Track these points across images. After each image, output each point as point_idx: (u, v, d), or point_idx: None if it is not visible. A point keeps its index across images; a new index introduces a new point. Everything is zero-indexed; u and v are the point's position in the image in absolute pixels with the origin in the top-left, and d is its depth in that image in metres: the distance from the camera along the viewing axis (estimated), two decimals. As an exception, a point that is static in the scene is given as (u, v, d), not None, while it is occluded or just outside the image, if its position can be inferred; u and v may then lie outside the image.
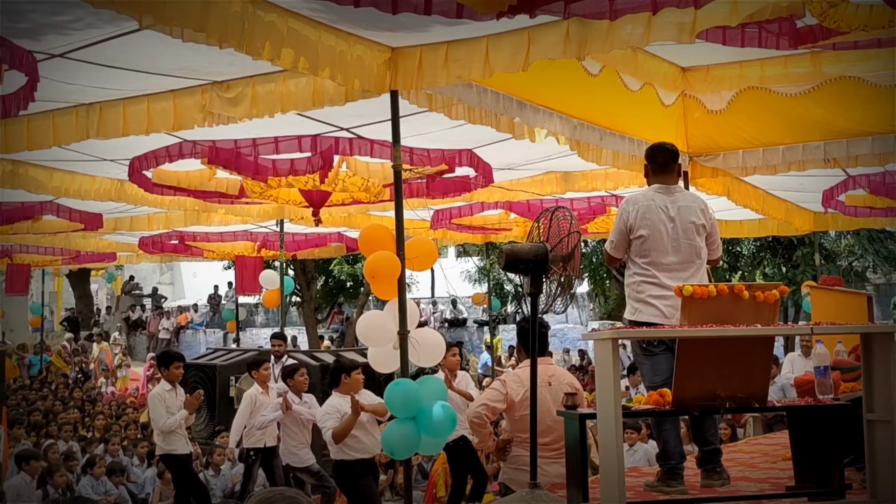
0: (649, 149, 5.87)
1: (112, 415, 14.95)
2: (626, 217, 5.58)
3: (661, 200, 5.58)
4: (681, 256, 5.52)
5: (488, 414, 6.16)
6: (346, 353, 14.32)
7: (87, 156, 9.11)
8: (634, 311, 5.57)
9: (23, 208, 11.60)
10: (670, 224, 5.53)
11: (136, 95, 7.08)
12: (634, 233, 5.55)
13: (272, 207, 12.32)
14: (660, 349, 5.54)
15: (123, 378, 23.02)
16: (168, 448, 9.11)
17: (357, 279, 27.76)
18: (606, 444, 4.55)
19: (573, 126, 7.67)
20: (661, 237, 5.51)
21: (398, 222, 6.39)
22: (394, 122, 6.28)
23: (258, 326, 30.91)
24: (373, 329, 6.69)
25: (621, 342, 6.23)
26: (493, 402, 6.17)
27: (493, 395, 6.23)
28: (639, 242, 5.55)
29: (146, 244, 15.94)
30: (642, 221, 5.53)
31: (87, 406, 17.05)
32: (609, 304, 27.66)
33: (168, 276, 39.06)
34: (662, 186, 5.67)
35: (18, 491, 9.23)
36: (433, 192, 10.08)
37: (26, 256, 17.55)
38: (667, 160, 5.75)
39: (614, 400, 4.47)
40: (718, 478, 5.51)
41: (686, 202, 5.67)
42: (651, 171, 5.78)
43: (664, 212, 5.54)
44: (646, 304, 5.50)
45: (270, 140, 8.24)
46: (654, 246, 5.51)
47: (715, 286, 4.85)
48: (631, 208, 5.59)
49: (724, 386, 4.80)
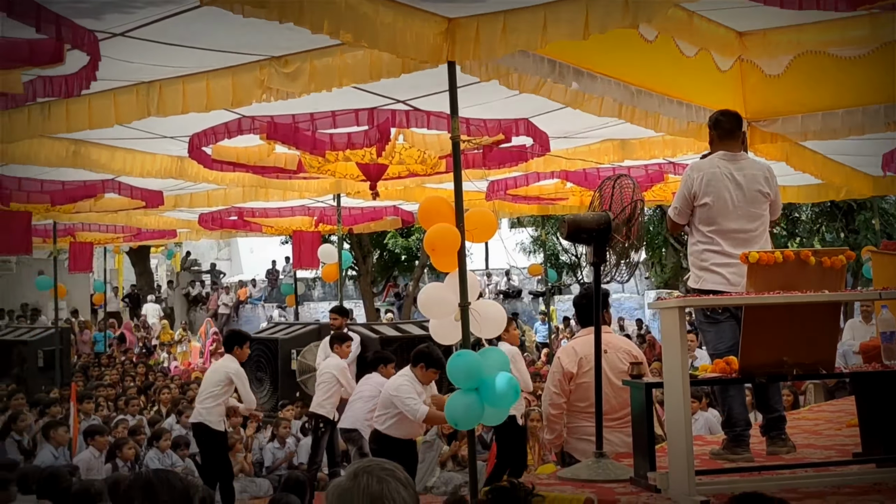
0: (713, 116, 5.82)
1: (178, 389, 15.19)
2: (691, 184, 5.54)
3: (726, 168, 5.53)
4: (745, 224, 5.47)
5: (561, 398, 6.15)
6: (405, 326, 14.45)
7: (148, 134, 9.23)
8: (698, 279, 5.53)
9: (85, 187, 11.79)
10: (735, 191, 5.48)
11: (195, 73, 7.14)
12: (698, 200, 5.51)
13: (329, 182, 12.37)
14: (724, 317, 5.51)
15: (184, 353, 23.39)
16: (211, 419, 9.26)
17: (411, 252, 27.85)
18: (674, 413, 4.54)
19: (630, 93, 7.60)
20: (725, 205, 5.46)
21: (457, 194, 6.37)
22: (451, 94, 6.25)
23: (316, 300, 31.16)
24: (434, 301, 6.70)
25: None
26: (558, 387, 6.18)
27: (554, 379, 6.24)
28: (703, 210, 5.51)
29: (206, 220, 16.14)
30: (707, 189, 5.48)
31: (154, 378, 17.36)
32: (666, 273, 27.46)
33: (226, 252, 39.50)
34: (727, 153, 5.62)
35: (88, 465, 9.43)
36: (489, 162, 10.05)
37: (88, 234, 17.86)
38: (732, 127, 5.70)
39: (682, 368, 4.45)
40: (784, 445, 5.48)
41: (751, 169, 5.61)
42: (716, 137, 5.73)
43: (729, 179, 5.49)
44: (710, 272, 5.46)
45: (328, 114, 8.27)
46: (718, 213, 5.47)
47: (781, 252, 4.80)
48: (695, 175, 5.55)
49: (791, 353, 4.76)
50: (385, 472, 2.45)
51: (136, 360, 21.67)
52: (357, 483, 2.43)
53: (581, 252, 26.40)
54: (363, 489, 2.41)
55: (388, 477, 2.44)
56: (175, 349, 23.82)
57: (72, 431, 10.16)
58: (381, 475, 2.44)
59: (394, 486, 2.43)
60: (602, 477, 5.14)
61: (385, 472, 2.45)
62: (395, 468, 2.50)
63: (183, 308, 31.66)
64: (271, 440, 11.70)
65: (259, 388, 13.53)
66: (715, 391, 5.89)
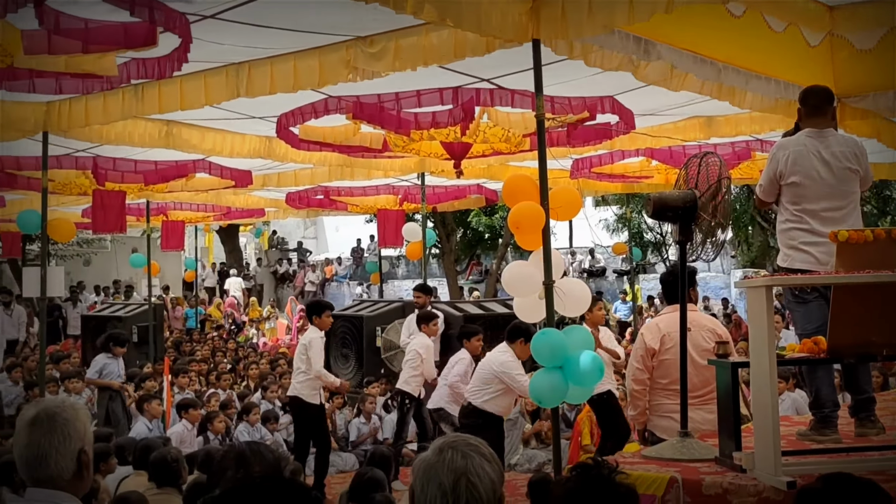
0: (802, 92, 5.71)
1: (266, 364, 15.50)
2: (777, 163, 5.45)
3: (814, 145, 5.42)
4: (834, 202, 5.36)
5: (644, 374, 6.16)
6: (489, 304, 14.49)
7: (237, 114, 9.41)
8: (787, 258, 5.45)
9: (177, 167, 12.07)
10: (823, 169, 5.36)
11: (282, 53, 7.26)
12: (785, 179, 5.41)
13: (413, 161, 12.46)
14: (813, 296, 5.42)
15: (272, 329, 23.81)
16: (304, 393, 9.51)
17: (495, 230, 27.84)
18: (760, 393, 4.50)
19: (717, 70, 7.49)
20: (813, 183, 5.36)
21: (541, 172, 6.37)
22: (536, 72, 6.25)
23: (400, 278, 31.39)
24: (518, 279, 6.73)
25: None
26: (641, 363, 6.18)
27: (637, 355, 6.26)
28: (790, 189, 5.41)
29: (293, 199, 16.41)
30: (793, 167, 5.38)
31: (243, 354, 17.74)
32: (752, 252, 27.01)
33: (312, 231, 40.00)
34: (814, 130, 5.50)
35: (181, 437, 9.71)
36: (574, 140, 10.00)
37: (180, 213, 18.28)
38: (819, 103, 5.57)
39: (769, 348, 4.40)
40: (873, 426, 5.38)
41: (840, 146, 5.47)
42: (804, 114, 5.61)
43: (816, 157, 5.38)
44: (798, 250, 5.38)
45: (413, 93, 8.32)
46: (806, 192, 5.37)
47: (871, 231, 4.70)
48: (781, 154, 5.45)
49: (881, 333, 4.66)
50: (470, 447, 2.49)
51: (225, 336, 22.13)
52: (442, 458, 2.47)
53: (666, 230, 26.09)
54: (447, 464, 2.46)
55: (472, 452, 2.48)
56: (263, 326, 24.27)
57: (165, 405, 10.46)
58: (466, 451, 2.48)
59: (478, 461, 2.47)
60: (686, 456, 5.13)
61: (470, 448, 2.49)
62: (480, 444, 2.54)
63: (271, 285, 32.23)
64: (356, 415, 11.88)
65: (344, 364, 13.73)
66: (803, 372, 5.80)
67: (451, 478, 2.43)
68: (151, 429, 9.84)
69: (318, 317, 9.68)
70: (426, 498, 2.45)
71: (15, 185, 12.30)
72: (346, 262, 33.27)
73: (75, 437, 3.04)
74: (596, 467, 2.85)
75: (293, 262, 33.64)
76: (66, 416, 3.05)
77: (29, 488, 3.03)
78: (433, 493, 2.44)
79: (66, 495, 3.01)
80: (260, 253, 34.52)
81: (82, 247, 28.68)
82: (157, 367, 13.66)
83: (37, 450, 2.99)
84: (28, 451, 3.01)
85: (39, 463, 2.99)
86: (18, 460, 3.05)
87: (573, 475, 2.90)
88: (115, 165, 11.73)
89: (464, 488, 2.42)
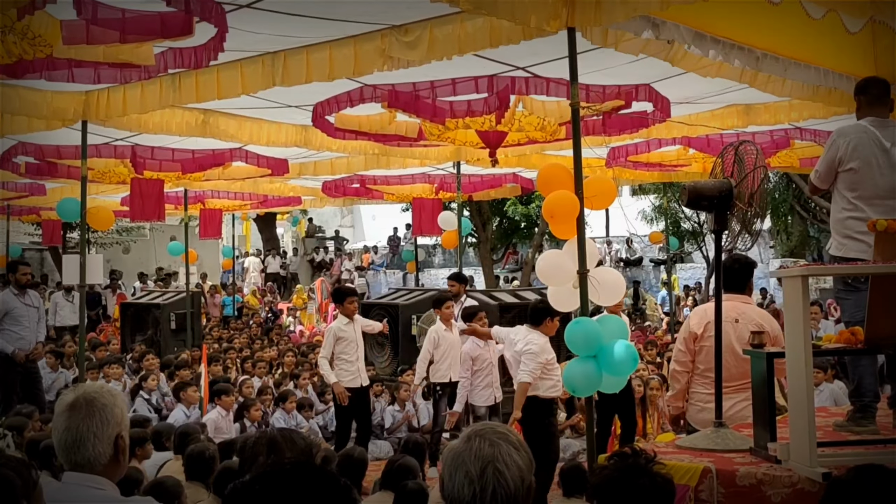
0: (861, 82, 5.72)
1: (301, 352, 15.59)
2: (837, 149, 5.45)
3: (874, 134, 5.41)
4: (892, 191, 5.34)
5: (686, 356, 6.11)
6: (523, 293, 14.47)
7: (273, 103, 9.45)
8: (841, 247, 5.43)
9: (214, 155, 12.15)
10: (883, 158, 5.36)
11: (318, 42, 7.29)
12: (844, 165, 5.40)
13: (449, 149, 12.46)
14: (865, 285, 5.37)
15: (309, 317, 23.94)
16: (343, 378, 9.67)
17: (531, 219, 27.78)
18: (796, 383, 4.46)
19: (755, 57, 7.42)
20: (872, 171, 5.34)
21: (576, 161, 6.35)
22: (571, 60, 6.22)
23: (436, 267, 31.43)
24: (552, 268, 6.71)
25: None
26: (683, 346, 6.14)
27: (681, 337, 6.22)
28: (847, 175, 5.40)
29: (329, 188, 16.47)
30: (853, 154, 5.37)
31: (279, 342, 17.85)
32: (791, 242, 26.74)
33: (348, 219, 40.16)
34: (876, 119, 5.49)
35: (216, 424, 9.77)
36: (609, 128, 9.95)
37: (218, 202, 18.43)
38: (880, 93, 5.59)
39: (804, 338, 4.36)
40: (912, 419, 5.33)
41: None
42: (864, 103, 5.61)
43: (877, 145, 5.37)
44: (853, 239, 5.36)
45: (448, 82, 8.31)
46: (863, 180, 5.35)
47: (910, 221, 4.65)
48: (842, 141, 5.44)
49: (920, 324, 4.61)
50: (497, 435, 2.50)
51: (262, 323, 22.28)
52: (469, 446, 2.49)
53: (704, 220, 25.89)
54: (475, 452, 2.47)
55: (499, 440, 2.49)
56: (304, 314, 24.42)
57: (202, 391, 10.55)
58: (494, 439, 2.49)
59: (505, 449, 2.48)
60: (721, 446, 5.09)
61: (497, 436, 2.50)
62: (509, 431, 2.54)
63: (307, 274, 32.37)
64: (391, 403, 11.93)
65: (380, 352, 13.77)
66: (845, 362, 5.76)
67: (478, 466, 2.44)
68: (189, 415, 9.93)
69: (341, 304, 9.78)
70: (454, 486, 2.46)
71: (55, 173, 12.46)
72: (383, 251, 33.36)
73: (112, 423, 3.10)
74: (634, 456, 2.84)
75: (329, 251, 33.78)
76: (104, 401, 3.10)
77: (66, 472, 3.08)
78: (461, 480, 2.45)
79: (103, 479, 3.07)
80: (297, 242, 34.68)
81: (121, 235, 29.01)
82: (195, 353, 13.78)
83: (75, 434, 3.05)
84: (66, 436, 3.06)
85: (77, 447, 3.05)
86: (57, 444, 3.11)
87: (611, 463, 2.90)
88: (153, 154, 11.83)
89: (491, 476, 2.43)
